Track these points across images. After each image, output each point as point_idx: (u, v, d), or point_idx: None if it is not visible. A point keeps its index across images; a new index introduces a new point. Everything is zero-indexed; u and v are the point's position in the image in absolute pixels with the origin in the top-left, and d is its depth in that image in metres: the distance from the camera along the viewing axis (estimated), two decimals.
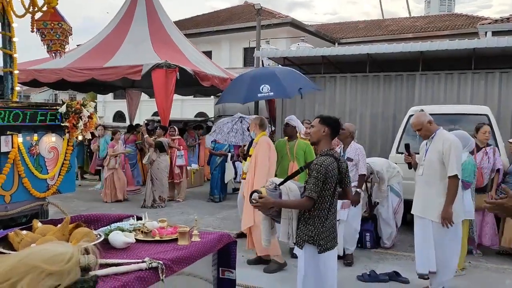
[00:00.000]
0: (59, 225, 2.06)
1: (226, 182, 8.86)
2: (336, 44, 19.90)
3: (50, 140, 5.11)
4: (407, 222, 5.97)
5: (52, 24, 5.16)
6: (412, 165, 4.15)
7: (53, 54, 5.25)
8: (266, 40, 15.15)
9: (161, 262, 1.86)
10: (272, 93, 5.29)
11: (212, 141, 10.06)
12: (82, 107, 5.18)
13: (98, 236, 2.07)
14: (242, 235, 6.06)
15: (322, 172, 2.89)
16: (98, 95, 23.03)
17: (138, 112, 14.96)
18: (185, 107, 20.40)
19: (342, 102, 10.52)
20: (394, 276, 4.48)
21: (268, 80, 5.32)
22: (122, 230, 2.24)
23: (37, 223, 2.13)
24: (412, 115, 6.73)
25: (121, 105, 22.94)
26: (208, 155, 10.01)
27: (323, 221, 2.98)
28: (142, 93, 14.95)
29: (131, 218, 2.54)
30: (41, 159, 5.06)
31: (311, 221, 2.97)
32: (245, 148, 6.12)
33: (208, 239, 2.37)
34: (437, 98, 9.47)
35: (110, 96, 24.02)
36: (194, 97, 18.77)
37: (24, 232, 2.00)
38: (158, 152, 8.10)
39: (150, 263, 1.83)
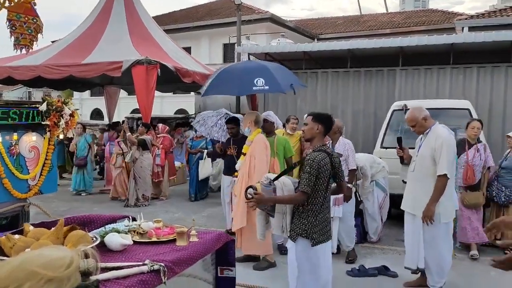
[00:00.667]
0: (52, 228, 1.98)
1: (200, 179, 8.73)
2: (316, 39, 19.98)
3: (30, 139, 4.95)
4: (392, 217, 6.04)
5: (27, 18, 4.97)
6: (404, 159, 4.13)
7: (20, 49, 5.05)
8: (246, 36, 15.08)
9: (162, 264, 1.81)
10: (267, 87, 5.17)
11: (189, 139, 9.97)
12: (63, 104, 5.04)
13: (94, 238, 2.00)
14: (229, 232, 6.03)
15: (314, 167, 2.95)
16: (75, 93, 22.54)
17: (116, 109, 14.69)
18: (165, 104, 20.13)
19: (323, 98, 10.57)
20: (383, 270, 4.53)
21: (261, 73, 5.21)
22: (118, 232, 2.17)
23: (28, 227, 2.04)
24: (395, 110, 6.83)
25: (98, 103, 22.54)
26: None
27: (316, 215, 3.04)
28: (121, 90, 14.70)
29: (125, 219, 2.47)
30: (22, 159, 4.89)
31: (304, 215, 3.03)
32: (221, 145, 6.10)
33: (206, 239, 2.32)
34: (417, 92, 9.60)
35: (87, 93, 23.50)
36: (173, 93, 18.56)
37: (17, 236, 1.91)
38: (141, 150, 7.96)
39: (151, 266, 1.78)
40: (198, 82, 10.35)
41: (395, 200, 6.11)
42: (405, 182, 6.20)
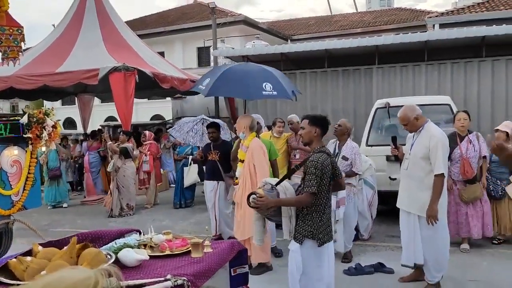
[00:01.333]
0: (65, 247, 1.89)
1: (185, 186, 8.61)
2: (289, 40, 20.10)
3: (12, 153, 4.75)
4: (379, 213, 6.11)
5: (11, 30, 4.79)
6: (398, 158, 4.18)
7: (8, 62, 4.88)
8: (221, 39, 15.02)
9: (185, 278, 1.75)
10: (275, 93, 5.05)
11: (179, 147, 9.84)
12: (45, 116, 4.87)
13: (109, 256, 1.93)
14: (218, 238, 5.97)
15: (319, 167, 3.00)
16: (45, 102, 21.90)
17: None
18: (140, 110, 19.79)
19: (303, 99, 10.59)
20: (379, 267, 4.57)
21: (267, 78, 5.10)
22: (130, 247, 2.09)
23: (37, 247, 1.95)
24: (378, 108, 6.92)
25: (70, 111, 22.00)
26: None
27: (321, 215, 3.08)
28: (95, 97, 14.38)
29: (134, 232, 2.39)
30: (3, 174, 4.69)
31: (309, 217, 3.06)
32: (201, 151, 6.08)
33: (220, 248, 2.28)
34: (394, 90, 9.78)
35: (58, 102, 22.89)
36: (148, 99, 18.30)
37: (28, 258, 1.81)
38: (123, 158, 7.79)
39: (175, 281, 1.72)
40: (176, 87, 10.24)
41: (382, 196, 6.20)
42: (392, 179, 6.38)
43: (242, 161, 4.87)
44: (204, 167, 6.56)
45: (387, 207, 6.47)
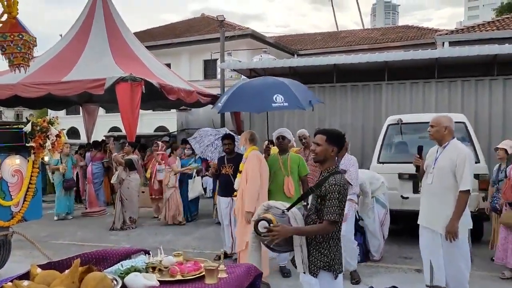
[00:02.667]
0: (66, 271, 1.71)
1: (189, 199, 8.41)
2: (295, 55, 20.07)
3: (13, 162, 4.62)
4: (391, 233, 5.89)
5: (12, 36, 4.67)
6: (419, 169, 3.95)
7: (16, 69, 4.77)
8: (228, 52, 14.98)
9: None
10: (286, 104, 4.91)
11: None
12: (49, 125, 4.74)
13: (115, 282, 1.74)
14: (224, 256, 5.76)
15: (342, 192, 2.69)
16: (49, 111, 21.87)
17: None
18: (144, 122, 19.70)
19: (311, 113, 10.47)
20: None
21: (279, 89, 5.00)
22: (138, 270, 1.91)
23: (36, 269, 1.76)
24: (390, 125, 6.76)
25: (74, 121, 21.92)
26: None
27: (337, 243, 2.78)
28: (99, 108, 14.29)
29: (141, 253, 2.21)
30: (4, 184, 4.54)
31: (325, 245, 2.73)
32: (216, 164, 5.83)
33: (236, 274, 2.08)
34: (403, 106, 9.64)
35: (62, 112, 22.86)
36: (153, 110, 18.22)
37: (25, 283, 1.63)
38: (127, 170, 7.62)
39: None
40: (183, 99, 10.12)
41: (393, 216, 5.99)
42: (404, 198, 6.19)
43: (240, 172, 4.75)
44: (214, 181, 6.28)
45: (397, 226, 6.26)
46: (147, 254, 2.22)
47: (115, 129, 22.63)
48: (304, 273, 2.77)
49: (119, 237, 7.14)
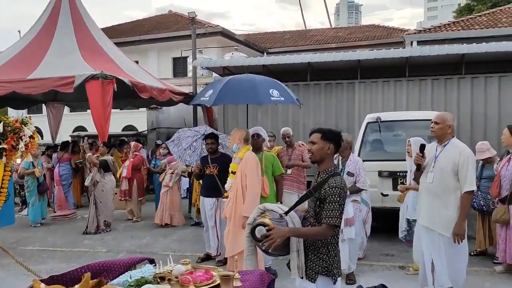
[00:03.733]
0: (76, 286, 1.56)
1: None
2: (265, 53, 20.07)
3: None
4: (371, 230, 5.93)
5: None
6: (420, 168, 3.90)
7: None
8: (199, 50, 14.75)
9: None
10: (282, 99, 4.94)
11: (152, 157, 9.43)
12: (22, 125, 4.47)
13: None
14: (207, 258, 5.64)
15: (343, 196, 2.62)
16: (10, 110, 20.89)
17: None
18: (112, 120, 19.13)
19: (284, 111, 10.48)
20: None
21: (273, 85, 5.01)
22: (149, 282, 1.79)
23: (39, 284, 1.61)
24: (369, 123, 6.82)
25: (37, 121, 20.90)
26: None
27: (335, 248, 2.72)
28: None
29: (145, 262, 2.08)
30: None
31: (323, 250, 2.66)
32: (199, 164, 5.66)
33: (250, 282, 2.00)
34: (376, 104, 9.80)
35: (23, 111, 21.90)
36: (121, 109, 17.73)
37: None
38: (102, 172, 7.34)
39: None
40: (156, 98, 9.87)
41: (374, 213, 6.05)
42: (384, 195, 6.26)
43: (234, 173, 4.61)
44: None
45: (377, 223, 6.34)
46: (150, 262, 2.10)
47: (80, 128, 21.90)
48: (302, 278, 2.69)
49: (94, 242, 6.87)
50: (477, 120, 9.14)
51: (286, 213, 2.71)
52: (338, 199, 2.57)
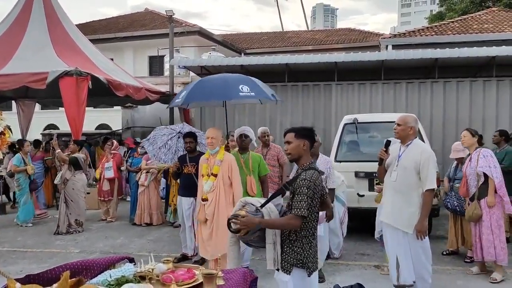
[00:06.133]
0: (54, 285, 1.50)
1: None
2: (242, 54, 20.05)
3: None
4: (347, 230, 5.99)
5: None
6: (382, 163, 3.98)
7: None
8: (176, 49, 14.60)
9: None
10: (253, 93, 4.83)
11: (129, 156, 9.25)
12: None
13: None
14: (183, 258, 5.57)
15: (311, 187, 2.70)
16: None
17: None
18: (85, 119, 18.72)
19: (262, 111, 10.51)
20: None
21: (244, 81, 4.90)
22: (129, 281, 1.74)
23: (14, 284, 1.54)
24: (346, 124, 6.89)
25: (7, 118, 20.34)
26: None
27: (311, 241, 2.78)
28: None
29: (125, 261, 2.02)
30: None
31: (298, 243, 2.73)
32: (177, 163, 5.56)
33: (233, 281, 1.98)
34: (352, 106, 9.96)
35: None
36: (95, 107, 17.36)
37: None
38: (72, 170, 7.14)
39: None
40: (132, 96, 9.71)
41: (349, 213, 6.11)
42: (360, 196, 6.34)
43: (215, 175, 4.56)
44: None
45: (352, 223, 6.40)
46: (129, 261, 2.04)
47: (51, 126, 21.30)
48: (278, 270, 2.77)
49: (66, 242, 6.67)
50: (449, 122, 9.40)
51: (262, 206, 2.80)
52: (306, 190, 2.65)
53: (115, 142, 8.69)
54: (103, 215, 8.30)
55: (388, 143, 3.95)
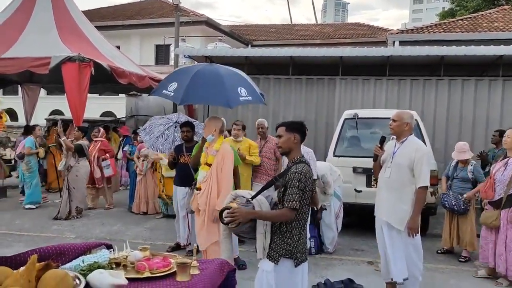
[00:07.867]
0: (21, 268, 1.50)
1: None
2: (249, 45, 19.97)
3: None
4: (343, 225, 5.98)
5: None
6: (377, 158, 3.95)
7: None
8: (182, 38, 14.57)
9: None
10: (250, 98, 4.73)
11: (128, 144, 9.27)
12: None
13: (77, 281, 1.56)
14: (177, 247, 5.59)
15: (303, 180, 2.76)
16: None
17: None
18: (90, 106, 18.76)
19: (265, 106, 10.46)
20: (349, 284, 4.39)
21: (240, 82, 4.75)
22: (102, 267, 1.73)
23: None
24: (346, 119, 6.84)
25: (12, 102, 20.45)
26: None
27: (300, 232, 2.82)
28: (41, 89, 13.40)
29: (102, 247, 2.02)
30: None
31: (288, 234, 2.78)
32: (173, 153, 5.53)
33: (209, 271, 1.96)
34: (355, 101, 9.87)
35: None
36: (100, 95, 17.42)
37: None
38: (77, 156, 7.16)
39: None
40: (135, 84, 9.70)
41: (346, 208, 6.09)
42: (358, 191, 6.30)
43: (209, 165, 4.53)
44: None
45: (349, 219, 6.38)
46: (107, 248, 2.04)
47: (57, 112, 21.37)
48: (261, 259, 2.82)
49: (63, 227, 6.72)
50: (453, 121, 9.30)
51: (253, 197, 2.84)
52: (297, 183, 2.71)
53: (101, 129, 8.69)
54: (90, 202, 8.26)
55: (383, 140, 3.93)
